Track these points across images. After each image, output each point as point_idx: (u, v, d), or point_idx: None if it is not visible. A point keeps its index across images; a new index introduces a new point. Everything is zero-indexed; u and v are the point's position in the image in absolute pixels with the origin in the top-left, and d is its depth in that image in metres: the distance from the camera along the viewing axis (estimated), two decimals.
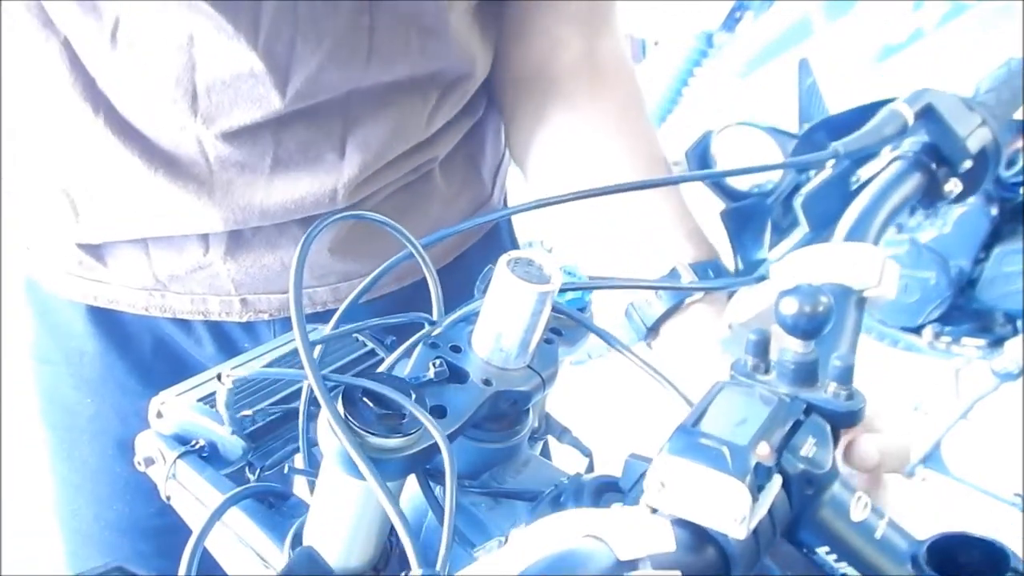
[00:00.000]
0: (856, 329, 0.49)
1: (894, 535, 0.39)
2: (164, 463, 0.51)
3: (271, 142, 0.67)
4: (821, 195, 0.57)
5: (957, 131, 0.57)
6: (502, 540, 0.45)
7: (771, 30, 1.95)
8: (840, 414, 0.42)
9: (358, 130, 0.68)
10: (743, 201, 0.57)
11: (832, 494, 0.40)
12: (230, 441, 0.51)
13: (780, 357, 0.43)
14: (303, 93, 0.64)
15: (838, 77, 1.91)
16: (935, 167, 0.58)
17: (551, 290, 0.44)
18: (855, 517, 0.40)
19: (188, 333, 0.78)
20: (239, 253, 0.72)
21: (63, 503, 0.84)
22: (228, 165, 0.67)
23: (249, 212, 0.69)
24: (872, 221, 0.54)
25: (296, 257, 0.43)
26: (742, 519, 0.35)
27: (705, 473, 0.36)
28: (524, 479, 0.50)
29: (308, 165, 0.68)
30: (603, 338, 0.51)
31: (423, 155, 0.75)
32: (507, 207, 0.89)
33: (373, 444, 0.38)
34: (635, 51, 2.61)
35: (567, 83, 0.72)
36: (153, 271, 0.73)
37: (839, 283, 0.50)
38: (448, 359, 0.45)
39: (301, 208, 0.69)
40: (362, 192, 0.72)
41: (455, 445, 0.45)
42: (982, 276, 1.96)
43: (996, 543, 0.37)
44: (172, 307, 0.75)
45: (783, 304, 0.42)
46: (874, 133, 0.54)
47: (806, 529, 0.40)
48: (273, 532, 0.47)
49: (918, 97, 0.57)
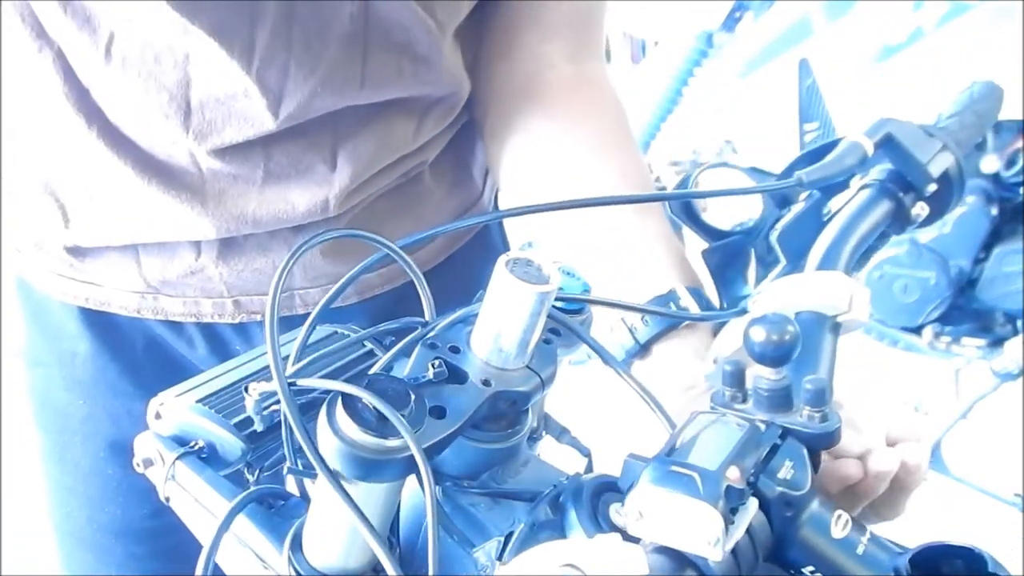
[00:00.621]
0: (832, 353, 0.51)
1: (876, 549, 0.41)
2: (163, 464, 0.51)
3: (262, 156, 0.67)
4: (795, 228, 0.59)
5: (918, 157, 0.59)
6: (500, 540, 0.45)
7: (771, 30, 1.95)
8: (815, 436, 0.43)
9: (348, 143, 0.69)
10: (724, 239, 0.59)
11: (812, 514, 0.41)
12: (229, 442, 0.51)
13: (754, 385, 0.45)
14: (295, 115, 0.65)
15: (838, 77, 1.91)
16: (901, 193, 0.60)
17: (550, 290, 0.44)
18: (836, 535, 0.41)
19: (180, 334, 0.78)
20: (231, 258, 0.72)
21: (56, 506, 0.84)
22: (220, 176, 0.67)
23: (242, 221, 0.69)
24: (842, 249, 0.56)
25: (274, 281, 0.44)
26: (716, 541, 0.37)
27: (678, 500, 0.38)
28: (523, 479, 0.50)
29: (299, 177, 0.68)
30: (596, 350, 0.52)
31: (412, 161, 0.75)
32: (498, 209, 0.89)
33: (373, 445, 0.39)
34: (635, 51, 2.61)
35: (555, 100, 0.72)
36: (144, 275, 0.73)
37: (812, 311, 0.52)
38: (447, 360, 0.46)
39: (293, 217, 0.70)
40: (353, 200, 0.72)
41: (454, 445, 0.45)
42: (982, 276, 1.96)
43: (975, 549, 0.38)
44: (164, 309, 0.75)
45: (751, 333, 0.44)
46: (836, 163, 0.56)
47: (790, 550, 0.41)
48: (272, 533, 0.47)
49: (878, 128, 0.59)
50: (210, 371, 0.55)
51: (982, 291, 1.97)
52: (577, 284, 0.59)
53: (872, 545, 0.41)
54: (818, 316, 0.52)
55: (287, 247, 0.72)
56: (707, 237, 0.60)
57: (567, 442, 0.58)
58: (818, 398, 0.44)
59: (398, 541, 0.48)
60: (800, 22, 1.91)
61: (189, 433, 0.52)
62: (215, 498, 0.49)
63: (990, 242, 1.95)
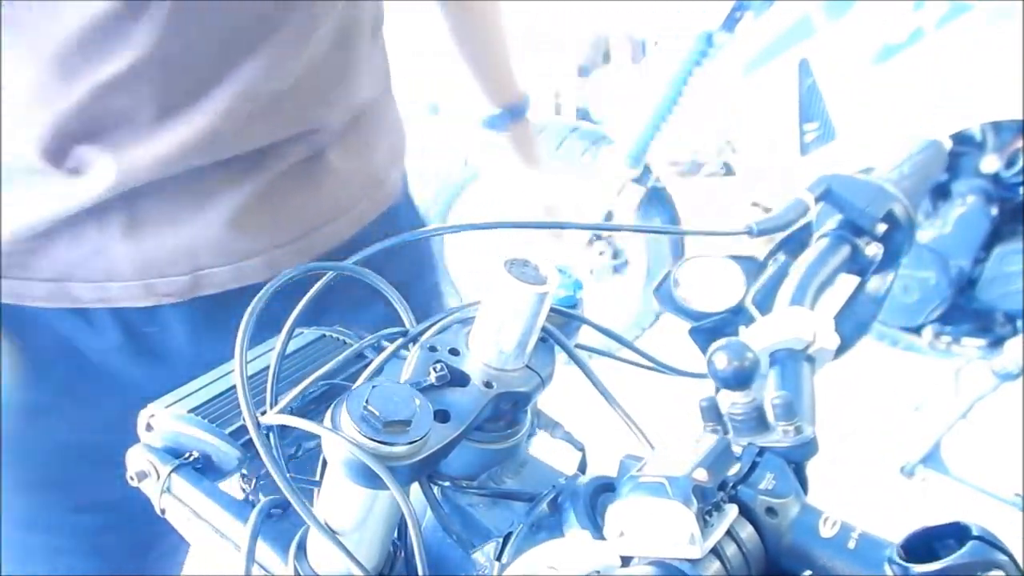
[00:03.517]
0: (810, 381, 0.56)
1: (867, 543, 0.42)
2: (157, 477, 0.50)
3: (148, 91, 0.66)
4: (768, 290, 0.64)
5: (856, 203, 0.67)
6: (499, 541, 0.45)
7: (771, 30, 1.95)
8: (791, 449, 0.46)
9: (236, 69, 0.68)
10: (709, 319, 0.62)
11: (798, 519, 0.43)
12: (225, 452, 0.50)
13: (729, 412, 0.48)
14: (171, 33, 0.64)
15: (838, 77, 1.91)
16: (855, 237, 0.68)
17: (549, 291, 0.44)
18: (825, 534, 0.42)
19: (90, 323, 0.76)
20: (136, 232, 0.71)
21: None
22: (109, 115, 0.67)
23: (139, 165, 0.68)
24: (806, 292, 0.63)
25: (245, 319, 0.45)
26: (691, 538, 0.39)
27: (650, 504, 0.40)
28: (522, 480, 0.51)
29: (188, 110, 0.68)
30: (579, 364, 0.53)
31: (315, 137, 0.76)
32: (407, 190, 0.94)
33: (383, 452, 0.39)
34: (635, 51, 2.61)
35: None
36: (52, 261, 0.72)
37: (784, 348, 0.57)
38: (448, 362, 0.46)
39: (188, 155, 0.69)
40: (248, 139, 0.71)
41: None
42: (982, 276, 1.96)
43: (960, 523, 0.38)
44: (76, 295, 0.74)
45: (714, 360, 0.48)
46: (782, 216, 0.64)
47: (783, 558, 0.43)
48: (275, 542, 0.46)
49: (818, 184, 0.67)
50: (200, 379, 0.55)
51: (982, 291, 1.97)
52: (569, 282, 0.59)
53: (862, 539, 0.41)
54: (790, 352, 0.57)
55: (193, 218, 0.72)
56: (690, 320, 0.64)
57: (561, 437, 0.58)
58: (787, 412, 0.47)
59: (403, 544, 0.48)
60: (800, 22, 1.91)
61: (183, 444, 0.51)
62: (215, 511, 0.48)
63: (990, 242, 1.95)
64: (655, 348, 0.62)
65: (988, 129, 1.89)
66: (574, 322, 0.56)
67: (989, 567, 0.36)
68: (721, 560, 0.41)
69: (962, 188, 1.95)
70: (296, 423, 0.43)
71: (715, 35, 1.98)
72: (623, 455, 0.46)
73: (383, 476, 0.38)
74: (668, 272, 0.64)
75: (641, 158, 2.11)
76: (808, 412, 0.53)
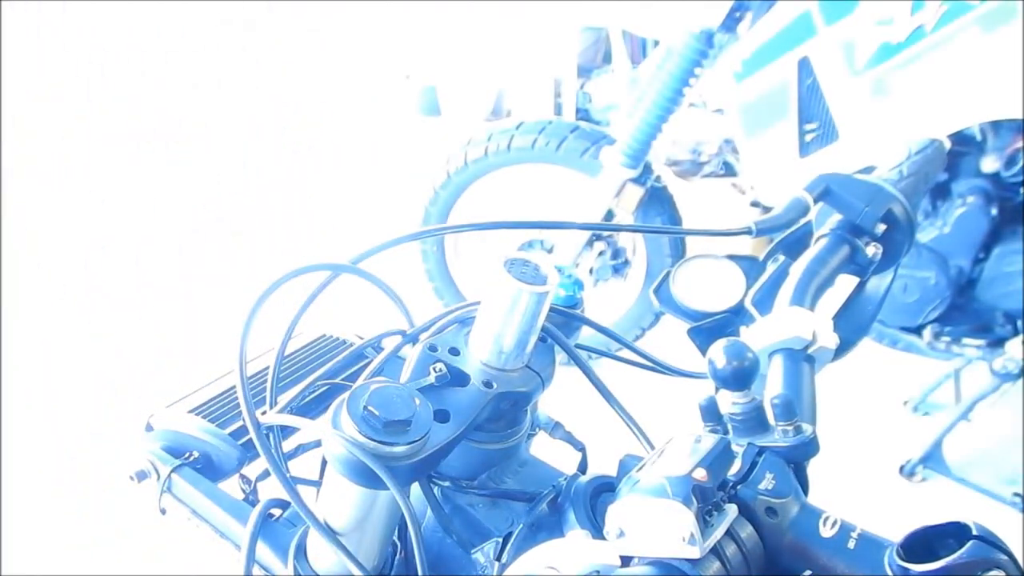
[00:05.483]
0: (811, 381, 0.56)
1: (867, 543, 0.42)
2: (158, 477, 0.51)
3: None
4: (768, 290, 0.64)
5: (856, 203, 0.66)
6: (499, 541, 0.45)
7: (771, 30, 1.94)
8: (791, 448, 0.46)
9: None
10: (708, 319, 0.62)
11: (798, 519, 0.43)
12: (225, 451, 0.50)
13: (729, 413, 0.48)
14: None
15: (838, 77, 1.90)
16: (854, 237, 0.67)
17: (549, 290, 0.44)
18: (825, 534, 0.42)
19: None
20: None
21: None
22: None
23: None
24: (806, 292, 0.62)
25: (244, 323, 0.45)
26: (690, 538, 0.39)
27: (650, 504, 0.40)
28: (522, 479, 0.51)
29: None
30: (581, 366, 0.53)
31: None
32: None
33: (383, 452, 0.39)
34: (635, 51, 2.61)
35: None
36: None
37: (784, 347, 0.57)
38: (447, 363, 0.46)
39: None
40: None
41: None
42: (982, 276, 1.95)
43: (960, 522, 0.39)
44: None
45: (714, 360, 0.48)
46: (782, 216, 0.64)
47: (783, 557, 0.43)
48: (275, 543, 0.46)
49: (817, 183, 0.66)
50: (200, 379, 0.55)
51: (982, 291, 1.97)
52: (569, 282, 0.59)
53: (862, 540, 0.42)
54: (790, 352, 0.57)
55: None
56: (688, 320, 0.63)
57: (560, 437, 0.58)
58: (786, 412, 0.47)
59: (403, 544, 0.48)
60: (800, 22, 1.90)
61: (183, 444, 0.51)
62: (215, 511, 0.48)
63: (990, 242, 1.94)
64: (655, 348, 0.62)
65: (988, 129, 1.89)
66: (574, 322, 0.56)
67: (989, 566, 0.36)
68: (721, 560, 0.41)
69: (962, 188, 1.95)
70: (296, 423, 0.43)
71: (715, 35, 1.98)
72: (623, 455, 0.46)
73: (383, 476, 0.38)
74: (668, 272, 0.64)
75: (641, 158, 2.11)
76: (808, 412, 0.53)
